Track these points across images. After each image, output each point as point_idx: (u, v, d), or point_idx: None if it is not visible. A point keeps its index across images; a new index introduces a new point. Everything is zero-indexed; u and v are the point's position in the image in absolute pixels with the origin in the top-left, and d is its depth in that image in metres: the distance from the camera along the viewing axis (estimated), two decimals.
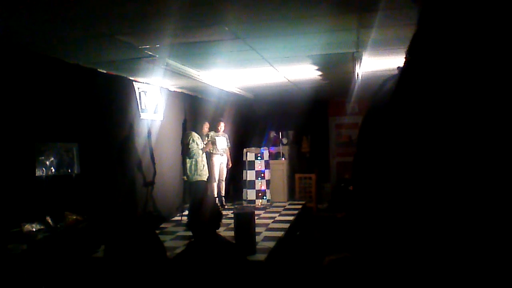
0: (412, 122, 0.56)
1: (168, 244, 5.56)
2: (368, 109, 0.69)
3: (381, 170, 0.63)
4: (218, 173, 8.33)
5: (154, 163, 7.26)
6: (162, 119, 7.55)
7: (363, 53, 5.27)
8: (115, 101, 6.27)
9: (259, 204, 8.95)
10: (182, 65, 5.74)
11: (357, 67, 5.89)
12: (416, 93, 0.57)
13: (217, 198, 8.20)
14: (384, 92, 0.66)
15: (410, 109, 0.57)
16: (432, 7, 0.60)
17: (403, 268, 0.60)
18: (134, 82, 6.72)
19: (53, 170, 4.85)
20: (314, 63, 6.08)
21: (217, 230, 2.68)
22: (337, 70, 6.67)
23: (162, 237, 2.12)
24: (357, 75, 6.45)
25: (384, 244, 0.63)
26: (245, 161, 9.21)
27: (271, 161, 9.48)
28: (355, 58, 5.48)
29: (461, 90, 0.53)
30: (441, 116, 0.54)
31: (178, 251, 4.04)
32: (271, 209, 8.59)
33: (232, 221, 5.38)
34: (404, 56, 0.62)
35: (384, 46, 5.00)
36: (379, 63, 5.95)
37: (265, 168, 9.15)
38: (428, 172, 0.55)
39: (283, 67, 6.29)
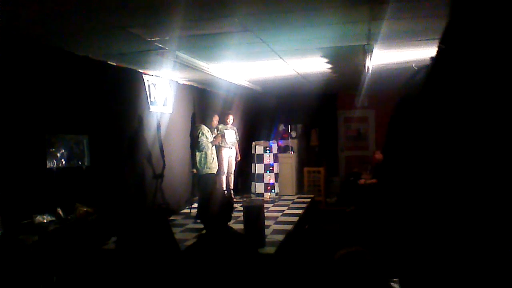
0: (446, 111, 0.55)
1: (177, 236, 5.58)
2: (400, 98, 0.68)
3: (414, 159, 0.62)
4: (226, 166, 8.34)
5: (163, 156, 7.28)
6: (171, 112, 7.55)
7: (374, 46, 5.22)
8: (125, 93, 6.28)
9: (268, 197, 8.96)
10: (192, 57, 5.72)
11: (367, 60, 5.84)
12: (449, 81, 0.56)
13: (226, 191, 8.21)
14: (416, 81, 0.65)
15: (443, 97, 0.56)
16: None
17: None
18: (143, 75, 6.73)
19: (64, 162, 4.87)
20: (324, 56, 6.04)
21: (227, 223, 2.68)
22: (347, 63, 6.62)
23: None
24: (368, 68, 6.39)
25: (420, 237, 0.62)
26: (253, 154, 9.21)
27: (279, 155, 9.46)
28: (366, 50, 5.42)
29: (495, 78, 0.51)
30: (475, 105, 0.52)
31: (187, 243, 4.05)
32: (279, 203, 8.59)
33: (241, 214, 5.39)
34: (437, 45, 0.61)
35: (395, 38, 4.95)
36: (390, 56, 5.90)
37: (274, 162, 9.14)
38: (460, 160, 0.54)
39: (293, 60, 6.25)
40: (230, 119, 8.42)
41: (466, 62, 0.55)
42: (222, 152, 8.19)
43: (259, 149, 9.18)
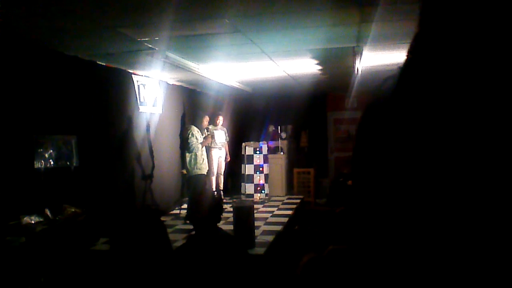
0: (412, 120, 0.58)
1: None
2: (368, 106, 0.71)
3: (381, 166, 0.64)
4: (216, 167, 8.33)
5: (152, 157, 7.25)
6: (161, 113, 7.53)
7: (364, 48, 5.26)
8: (114, 93, 6.25)
9: (258, 198, 8.96)
10: (182, 58, 5.71)
11: (357, 61, 5.88)
12: (416, 92, 0.59)
13: (215, 192, 8.19)
14: (384, 90, 0.67)
15: (410, 107, 0.58)
16: (433, 6, 0.61)
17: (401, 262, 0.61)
18: (133, 75, 6.69)
19: (52, 163, 4.83)
20: (314, 57, 6.07)
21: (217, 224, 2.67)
22: (337, 64, 6.66)
23: None
24: (357, 69, 6.43)
25: (383, 239, 0.64)
26: (243, 155, 9.21)
27: (269, 156, 9.47)
28: (356, 52, 5.46)
29: (462, 89, 0.54)
30: (441, 114, 0.55)
31: (177, 244, 4.04)
32: (269, 204, 8.60)
33: (231, 215, 5.38)
34: (406, 54, 0.63)
35: (384, 41, 4.99)
36: (379, 58, 5.94)
37: (264, 163, 9.15)
38: (425, 169, 0.56)
39: (283, 61, 6.27)
40: (220, 120, 8.41)
41: (433, 73, 0.58)
42: (212, 153, 8.17)
43: (249, 150, 9.18)
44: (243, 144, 9.34)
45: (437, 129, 0.54)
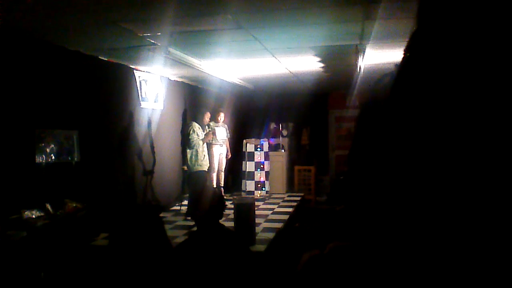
0: (410, 117, 0.58)
1: (167, 233, 5.56)
2: (365, 104, 0.72)
3: (379, 162, 0.65)
4: (217, 163, 8.32)
5: (153, 153, 7.24)
6: (162, 109, 7.51)
7: (367, 46, 5.24)
8: (116, 89, 6.24)
9: (258, 195, 8.96)
10: (184, 54, 5.69)
11: (359, 59, 5.86)
12: (414, 90, 0.59)
13: (217, 189, 8.19)
14: (381, 88, 0.68)
15: (407, 105, 0.59)
16: (430, 5, 0.60)
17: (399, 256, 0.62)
18: (134, 71, 6.68)
19: (53, 157, 4.83)
20: (317, 55, 6.05)
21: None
22: (339, 62, 6.64)
23: None
24: (360, 67, 6.41)
25: (380, 234, 0.64)
26: (244, 152, 9.20)
27: (270, 153, 9.47)
28: (358, 50, 5.44)
29: (458, 87, 0.54)
30: (438, 112, 0.55)
31: (177, 240, 4.04)
32: (270, 201, 8.60)
33: (232, 211, 5.38)
34: (403, 52, 0.63)
35: (388, 38, 4.97)
36: (382, 56, 5.92)
37: (265, 160, 9.15)
38: (422, 165, 0.57)
39: (286, 58, 6.25)
40: (221, 116, 8.40)
41: (430, 71, 0.58)
42: (213, 149, 8.17)
43: (250, 147, 9.18)
44: (244, 141, 9.33)
45: (434, 127, 0.54)
